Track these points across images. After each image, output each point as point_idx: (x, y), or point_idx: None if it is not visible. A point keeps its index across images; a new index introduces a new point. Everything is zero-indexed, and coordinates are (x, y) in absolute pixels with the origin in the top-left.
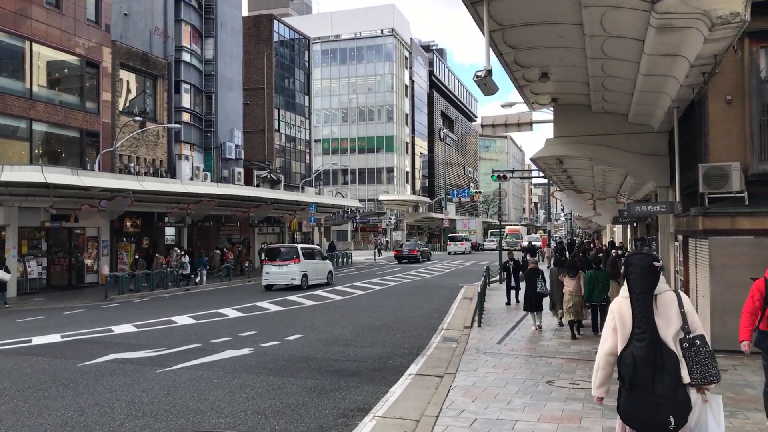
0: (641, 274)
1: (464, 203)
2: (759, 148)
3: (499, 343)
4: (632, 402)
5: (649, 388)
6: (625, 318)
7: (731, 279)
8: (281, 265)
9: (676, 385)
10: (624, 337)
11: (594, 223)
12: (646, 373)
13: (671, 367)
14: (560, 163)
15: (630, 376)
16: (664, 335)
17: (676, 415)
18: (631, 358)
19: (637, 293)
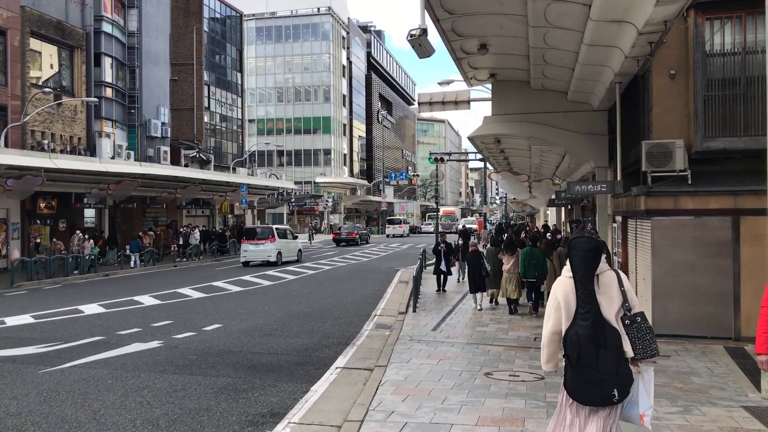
0: (584, 256)
1: (402, 186)
2: (703, 124)
3: (434, 330)
4: (578, 378)
5: (594, 365)
6: (569, 298)
7: (674, 261)
8: (258, 243)
9: (618, 360)
10: (568, 316)
11: (528, 206)
12: (591, 351)
13: (614, 344)
14: (498, 142)
15: (576, 354)
16: (607, 314)
17: (620, 388)
18: (576, 337)
19: (581, 275)
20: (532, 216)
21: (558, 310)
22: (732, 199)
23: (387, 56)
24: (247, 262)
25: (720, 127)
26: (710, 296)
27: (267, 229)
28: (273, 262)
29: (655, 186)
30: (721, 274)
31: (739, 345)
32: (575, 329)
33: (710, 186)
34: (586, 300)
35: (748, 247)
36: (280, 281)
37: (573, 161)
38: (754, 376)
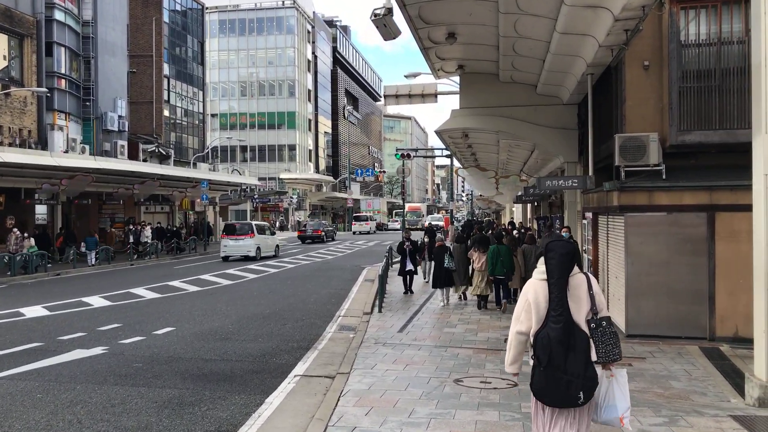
0: (561, 260)
1: (369, 183)
2: (678, 117)
3: (400, 332)
4: (546, 380)
5: (562, 367)
6: (541, 300)
7: (648, 259)
8: (238, 239)
9: (586, 363)
10: (539, 318)
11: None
12: (560, 353)
13: (582, 347)
14: (466, 137)
15: (547, 356)
16: (576, 317)
17: (585, 391)
18: (548, 339)
19: (557, 277)
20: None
21: (528, 312)
22: (707, 194)
23: (353, 51)
24: (227, 256)
25: (695, 120)
26: (685, 295)
27: (247, 225)
28: (252, 256)
29: (628, 181)
30: (695, 273)
31: (714, 345)
32: (546, 331)
33: (685, 181)
34: (559, 303)
35: (724, 245)
36: (241, 280)
37: (542, 156)
38: (733, 379)
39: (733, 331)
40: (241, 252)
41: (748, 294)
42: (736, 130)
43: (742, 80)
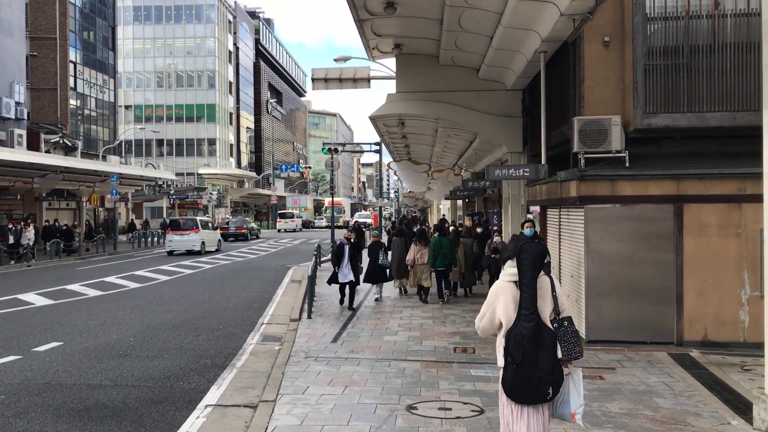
0: (534, 261)
1: (293, 180)
2: (644, 98)
3: (334, 342)
4: (517, 377)
5: (534, 364)
6: (509, 302)
7: (610, 255)
8: (183, 234)
9: (554, 360)
10: (510, 318)
11: (421, 201)
12: (532, 351)
13: (550, 345)
14: (402, 124)
15: (520, 354)
16: (543, 316)
17: (554, 386)
18: (521, 336)
19: (529, 278)
20: (425, 210)
21: (493, 312)
22: (675, 184)
23: (276, 44)
24: (171, 251)
25: (662, 102)
26: (650, 295)
27: (191, 221)
28: (197, 251)
29: (589, 169)
30: (661, 270)
31: (683, 351)
32: (519, 329)
33: (650, 169)
34: (531, 303)
35: (692, 239)
36: (151, 283)
37: (483, 147)
38: (721, 394)
39: (701, 335)
40: (186, 246)
41: (718, 293)
42: (706, 113)
43: (712, 58)
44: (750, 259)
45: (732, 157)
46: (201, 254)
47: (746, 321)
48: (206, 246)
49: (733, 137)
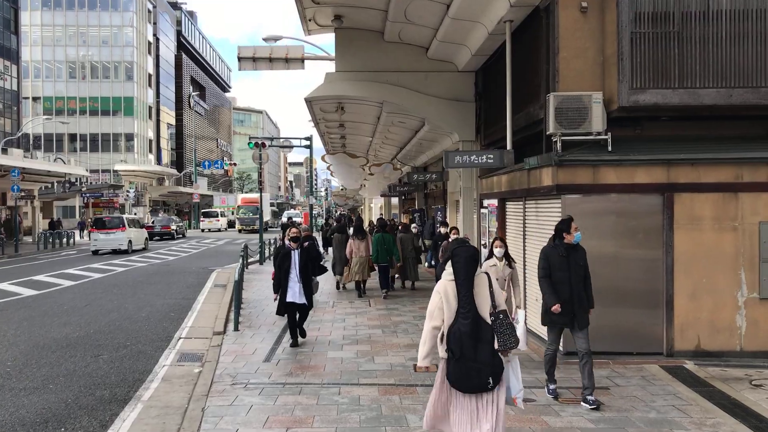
0: (466, 263)
1: (217, 178)
2: (630, 71)
3: (268, 361)
4: (459, 370)
5: (473, 357)
6: (451, 299)
7: (591, 253)
8: (109, 232)
9: (492, 352)
10: (450, 315)
11: (352, 200)
12: (471, 345)
13: (488, 338)
14: (341, 109)
15: (459, 348)
16: (482, 312)
17: (494, 376)
18: (459, 332)
19: (463, 278)
20: (355, 209)
21: (440, 309)
22: (665, 170)
23: (200, 38)
24: (96, 250)
25: (651, 77)
26: (636, 299)
27: (117, 219)
28: (124, 250)
29: (567, 153)
30: (649, 270)
31: (676, 362)
32: (457, 326)
33: (636, 154)
34: (467, 300)
35: (684, 234)
36: (50, 290)
37: (429, 136)
38: (747, 420)
39: (694, 344)
40: (112, 245)
41: (713, 295)
42: (699, 90)
43: (706, 27)
44: (747, 256)
45: (723, 142)
46: (128, 253)
47: (743, 327)
48: (133, 245)
49: (725, 119)
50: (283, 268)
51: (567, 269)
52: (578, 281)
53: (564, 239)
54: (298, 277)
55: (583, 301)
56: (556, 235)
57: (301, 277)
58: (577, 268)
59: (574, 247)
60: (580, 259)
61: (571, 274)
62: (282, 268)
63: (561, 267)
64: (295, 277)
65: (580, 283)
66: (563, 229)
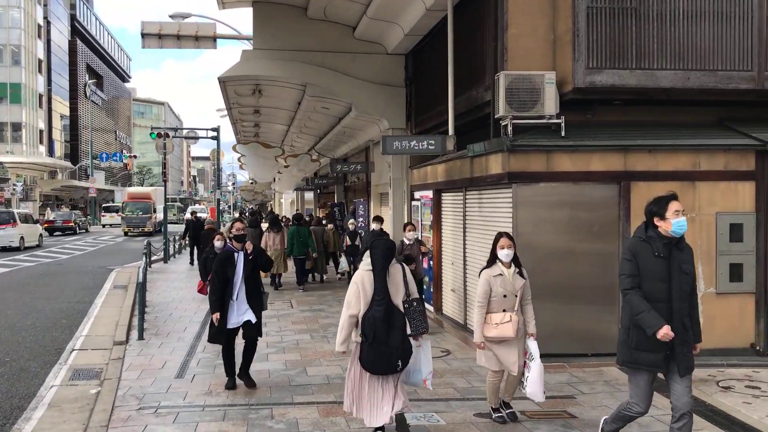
0: (382, 256)
1: (116, 172)
2: (587, 49)
3: (180, 377)
4: (372, 353)
5: (385, 341)
6: (367, 287)
7: (543, 248)
8: None
9: (403, 338)
10: (366, 302)
11: (261, 195)
12: (383, 331)
13: (400, 324)
14: (258, 92)
15: (372, 333)
16: (395, 300)
17: (403, 359)
18: (373, 319)
19: (379, 268)
20: (264, 204)
21: (357, 297)
22: (621, 157)
23: (97, 24)
24: None
25: (607, 56)
26: (592, 296)
27: (7, 214)
28: (16, 247)
29: (519, 138)
30: (606, 264)
31: None
32: (372, 313)
33: (591, 139)
34: (382, 289)
35: None
36: None
37: (355, 124)
38: (731, 428)
39: None
40: (2, 243)
41: None
42: (656, 71)
43: (662, 3)
44: (704, 248)
45: (678, 128)
46: (20, 250)
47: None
48: (26, 241)
49: (678, 104)
50: (225, 278)
51: (666, 277)
52: (682, 298)
53: (657, 227)
54: (242, 289)
55: (687, 330)
56: (648, 223)
57: (247, 290)
58: (680, 276)
59: (677, 242)
60: (686, 262)
61: (673, 286)
62: (222, 278)
63: (656, 273)
64: (240, 289)
65: (685, 300)
66: (657, 211)
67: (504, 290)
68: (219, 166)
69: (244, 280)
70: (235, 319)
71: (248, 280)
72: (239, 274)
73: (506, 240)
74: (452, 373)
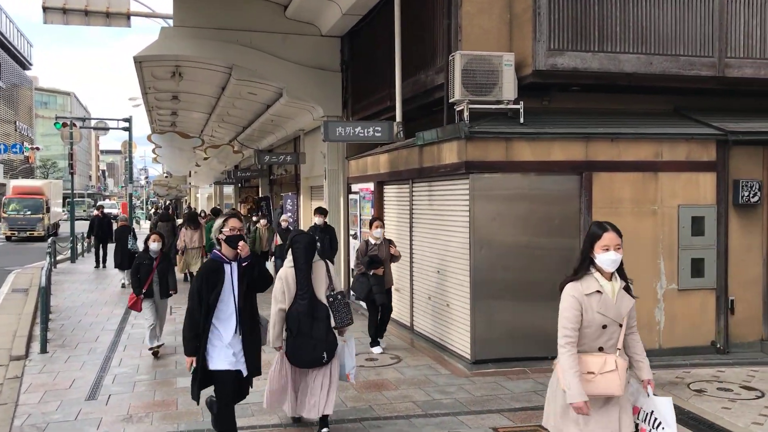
0: (305, 250)
1: (16, 165)
2: (548, 29)
3: (93, 398)
4: (297, 345)
5: (309, 333)
6: (291, 283)
7: (502, 243)
8: None
9: (327, 330)
10: (290, 297)
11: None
12: (307, 323)
13: (324, 317)
14: (179, 75)
15: (296, 326)
16: (318, 293)
17: (328, 351)
18: (297, 312)
19: (302, 263)
20: (178, 199)
21: (283, 292)
22: (583, 146)
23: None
24: None
25: (570, 37)
26: (553, 295)
27: None
28: None
29: (476, 125)
30: (566, 260)
31: None
32: (296, 306)
33: (552, 127)
34: (305, 284)
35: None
36: None
37: (285, 112)
38: None
39: None
40: None
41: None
42: (620, 55)
43: None
44: (666, 243)
45: (637, 117)
46: None
47: (662, 322)
48: None
49: (638, 91)
50: (209, 298)
51: None
52: None
53: None
54: (236, 316)
55: None
56: None
57: (240, 318)
58: None
59: None
60: None
61: None
62: (204, 298)
63: None
64: (232, 317)
65: None
66: None
67: (604, 317)
68: (131, 158)
69: (238, 302)
70: (226, 361)
71: (243, 302)
72: (231, 294)
73: (613, 236)
74: (408, 383)
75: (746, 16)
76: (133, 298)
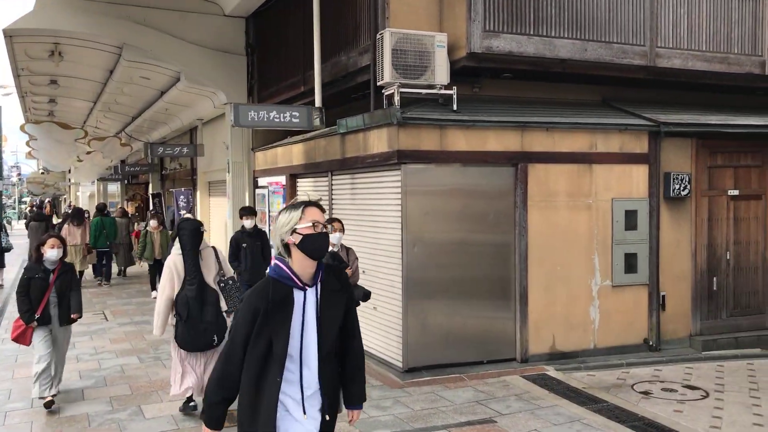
0: (191, 235)
1: None
2: (484, 9)
3: None
4: (187, 330)
5: (199, 318)
6: (179, 269)
7: (435, 240)
8: None
9: (217, 314)
10: (179, 284)
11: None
12: (197, 308)
13: (213, 301)
14: (58, 54)
15: (186, 311)
16: (207, 279)
17: (218, 334)
18: (186, 298)
19: (189, 249)
20: (57, 198)
21: (171, 281)
22: (518, 135)
23: None
24: None
25: (505, 18)
26: (488, 294)
27: None
28: None
29: (409, 111)
30: (501, 257)
31: (536, 370)
32: (185, 292)
33: (486, 114)
34: (193, 269)
35: (538, 214)
36: None
37: (182, 99)
38: None
39: (549, 344)
40: None
41: (568, 286)
42: (555, 39)
43: None
44: (601, 237)
45: (569, 106)
46: None
47: (597, 321)
48: None
49: (567, 80)
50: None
51: None
52: None
53: None
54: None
55: None
56: None
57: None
58: None
59: None
60: None
61: None
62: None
63: None
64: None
65: None
66: None
67: None
68: (0, 153)
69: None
70: None
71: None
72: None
73: None
74: None
75: (674, 5)
76: (19, 327)
